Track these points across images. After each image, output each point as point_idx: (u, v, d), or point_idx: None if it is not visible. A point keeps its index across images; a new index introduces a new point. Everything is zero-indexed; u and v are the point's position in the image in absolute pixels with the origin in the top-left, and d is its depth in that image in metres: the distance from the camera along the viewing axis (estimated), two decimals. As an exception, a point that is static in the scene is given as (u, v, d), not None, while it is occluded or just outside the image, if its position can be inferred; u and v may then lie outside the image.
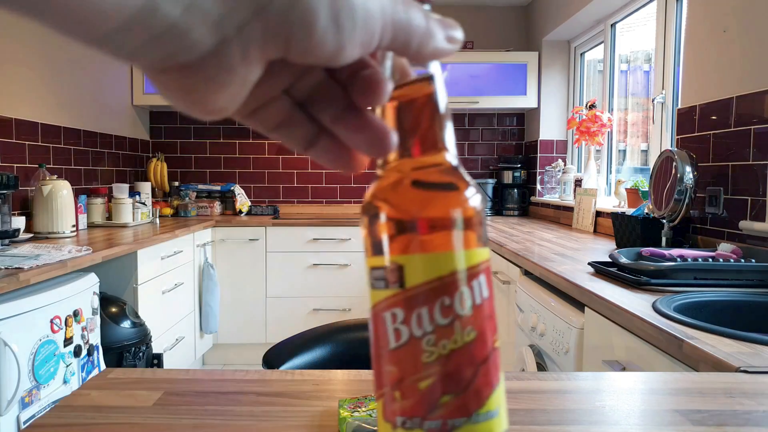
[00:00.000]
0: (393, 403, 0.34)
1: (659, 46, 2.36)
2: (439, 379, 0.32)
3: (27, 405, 1.50)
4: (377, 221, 0.33)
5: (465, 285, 0.33)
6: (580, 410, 0.55)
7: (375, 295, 0.34)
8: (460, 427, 0.33)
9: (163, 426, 0.49)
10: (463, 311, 0.33)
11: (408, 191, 0.34)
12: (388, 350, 0.34)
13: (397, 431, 0.34)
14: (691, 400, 0.58)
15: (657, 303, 1.11)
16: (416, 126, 0.35)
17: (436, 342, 0.32)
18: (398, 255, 0.33)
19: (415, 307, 0.32)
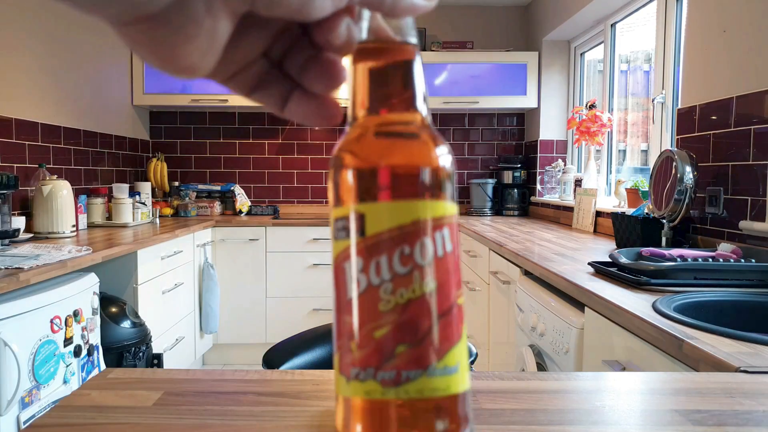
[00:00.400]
0: (348, 355, 0.33)
1: (659, 46, 2.36)
2: (395, 328, 0.31)
3: (27, 405, 1.50)
4: (341, 171, 0.33)
5: (427, 236, 0.32)
6: (580, 410, 0.55)
7: (337, 246, 0.33)
8: (415, 380, 0.31)
9: (163, 426, 0.49)
10: (423, 261, 0.32)
11: (372, 141, 0.33)
12: (346, 300, 0.33)
13: (351, 384, 0.32)
14: (690, 400, 0.58)
15: (657, 303, 1.11)
16: (385, 85, 0.34)
17: (394, 290, 0.31)
18: (360, 204, 0.32)
19: (374, 256, 0.32)
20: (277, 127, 3.94)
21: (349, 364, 0.33)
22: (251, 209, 3.74)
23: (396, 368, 0.31)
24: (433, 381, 0.32)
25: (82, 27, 2.97)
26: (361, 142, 0.34)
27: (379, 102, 0.34)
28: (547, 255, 1.87)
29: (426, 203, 0.32)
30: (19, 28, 2.44)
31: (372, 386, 0.32)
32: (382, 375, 0.31)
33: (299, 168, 3.97)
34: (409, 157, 0.33)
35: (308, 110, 0.31)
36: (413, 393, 0.31)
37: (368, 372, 0.32)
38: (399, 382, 0.31)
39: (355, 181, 0.33)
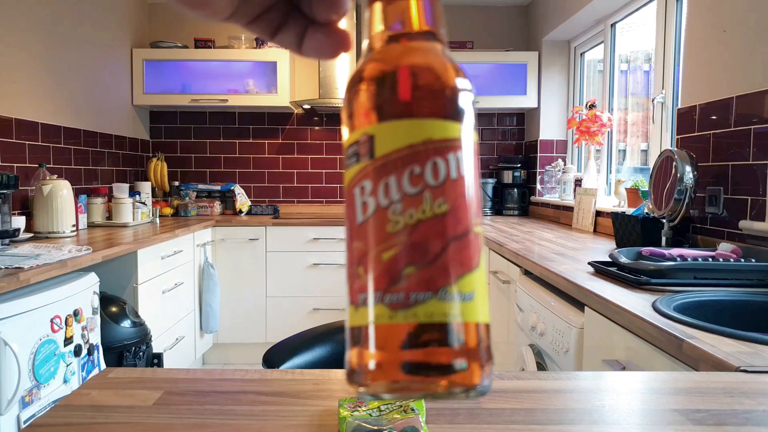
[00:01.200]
0: (356, 281, 0.31)
1: (659, 46, 2.36)
2: (404, 249, 0.30)
3: (27, 404, 1.50)
4: (355, 95, 0.32)
5: (439, 156, 0.31)
6: (580, 410, 0.55)
7: (348, 174, 0.32)
8: (425, 302, 0.30)
9: (163, 425, 0.49)
10: (435, 182, 0.31)
11: (393, 48, 0.32)
12: (356, 227, 0.32)
13: (359, 311, 0.31)
14: (691, 399, 0.58)
15: (657, 302, 1.11)
16: (407, 11, 0.33)
17: (403, 211, 0.30)
18: (370, 126, 0.31)
19: (383, 177, 0.31)
20: (277, 126, 3.94)
21: (357, 290, 0.31)
22: (251, 209, 3.73)
23: (405, 290, 0.30)
24: (445, 305, 0.30)
25: (83, 27, 2.97)
26: (380, 51, 0.33)
27: (399, 32, 0.33)
28: (547, 255, 1.87)
29: (441, 123, 0.31)
30: (19, 28, 2.44)
31: (380, 310, 0.30)
32: (390, 298, 0.30)
33: (299, 168, 3.97)
34: (425, 70, 0.32)
35: (318, 42, 0.32)
36: (422, 316, 0.30)
37: (376, 296, 0.30)
38: (408, 304, 0.30)
39: (368, 97, 0.32)
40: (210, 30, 3.81)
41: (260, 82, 3.61)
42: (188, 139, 3.93)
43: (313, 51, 0.32)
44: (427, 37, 0.33)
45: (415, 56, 0.32)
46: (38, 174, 2.42)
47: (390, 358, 0.31)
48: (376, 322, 0.31)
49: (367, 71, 0.32)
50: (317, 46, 0.32)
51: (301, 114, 3.93)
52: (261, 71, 3.61)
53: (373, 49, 0.33)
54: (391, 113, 0.31)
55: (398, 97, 0.31)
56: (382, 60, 0.32)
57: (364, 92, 0.32)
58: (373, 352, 0.31)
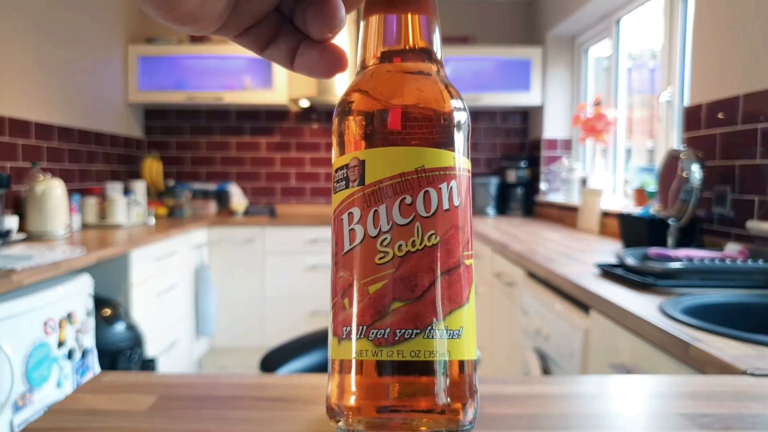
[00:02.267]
0: (341, 312, 0.30)
1: (665, 44, 2.34)
2: (391, 282, 0.29)
3: (20, 409, 1.48)
4: (344, 116, 0.31)
5: (431, 186, 0.30)
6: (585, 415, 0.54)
7: (336, 198, 0.31)
8: (411, 340, 0.29)
9: (158, 430, 0.48)
10: (426, 213, 0.30)
11: (382, 78, 0.31)
12: (342, 255, 0.31)
13: (342, 344, 0.30)
14: (697, 403, 0.57)
15: (663, 305, 1.10)
16: (400, 31, 0.32)
17: (392, 242, 0.29)
18: (360, 150, 0.30)
19: (372, 205, 0.30)
20: (274, 124, 3.91)
21: (341, 322, 0.31)
22: (248, 209, 3.67)
23: (390, 326, 0.29)
24: (431, 343, 0.29)
25: (76, 22, 2.97)
26: (371, 79, 0.31)
27: (393, 50, 0.32)
28: (552, 256, 1.86)
29: (433, 151, 0.30)
30: (10, 26, 2.43)
31: (364, 345, 0.29)
32: (375, 333, 0.29)
33: (297, 167, 3.94)
34: (419, 97, 0.31)
35: (313, 60, 0.30)
36: (407, 354, 0.29)
37: (360, 330, 0.30)
38: (393, 341, 0.29)
39: (358, 122, 0.31)
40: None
41: (257, 78, 3.58)
42: (183, 137, 3.90)
43: (305, 69, 0.31)
44: (421, 56, 0.32)
45: (408, 83, 0.31)
46: (31, 173, 2.40)
47: (371, 395, 0.30)
48: (358, 358, 0.30)
49: (358, 99, 0.31)
50: (311, 65, 0.30)
51: (299, 111, 3.90)
52: (257, 67, 3.59)
53: (366, 67, 0.32)
54: (382, 140, 0.30)
55: (389, 124, 0.30)
56: (375, 87, 0.31)
57: (355, 117, 0.31)
58: (354, 389, 0.30)
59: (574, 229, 2.79)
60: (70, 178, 2.87)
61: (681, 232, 1.77)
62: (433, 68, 0.32)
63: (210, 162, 3.91)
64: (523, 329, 1.87)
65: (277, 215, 3.63)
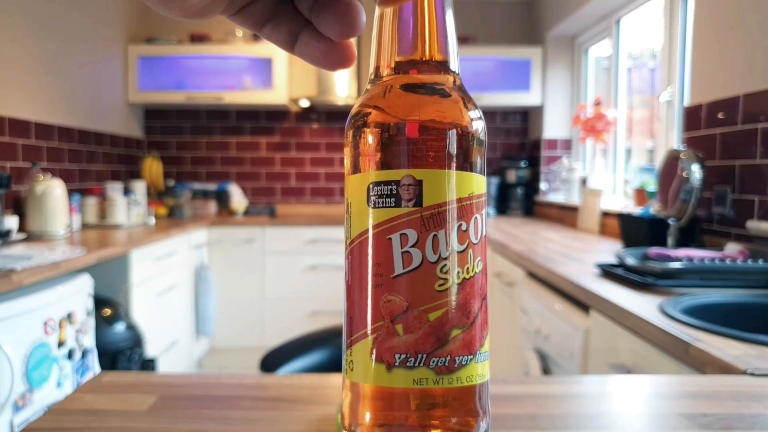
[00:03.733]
0: (391, 339, 0.30)
1: (665, 44, 2.34)
2: (451, 310, 0.30)
3: (20, 409, 1.48)
4: (394, 131, 0.30)
5: (478, 212, 0.31)
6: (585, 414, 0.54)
7: (377, 214, 0.30)
8: (467, 366, 0.30)
9: (158, 430, 0.48)
10: (476, 240, 0.30)
11: (405, 96, 0.31)
12: (391, 277, 0.30)
13: (395, 372, 0.29)
14: (697, 403, 0.57)
15: (663, 305, 1.10)
16: (416, 40, 0.32)
17: (450, 269, 0.29)
18: (417, 169, 0.30)
19: (431, 229, 0.29)
20: (274, 124, 3.91)
21: (392, 349, 0.30)
22: (248, 209, 3.66)
23: (450, 354, 0.30)
24: (479, 367, 0.31)
25: (77, 22, 2.97)
26: (388, 97, 0.31)
27: (409, 61, 0.32)
28: (552, 256, 1.86)
29: (478, 177, 0.31)
30: (10, 25, 2.42)
31: (424, 373, 0.29)
32: (436, 362, 0.29)
33: (297, 167, 3.93)
34: (459, 123, 0.31)
35: (319, 52, 0.30)
36: (465, 380, 0.30)
37: (419, 358, 0.29)
38: (453, 368, 0.30)
39: (406, 141, 0.30)
40: (206, 25, 3.78)
41: (257, 78, 3.58)
42: (183, 137, 3.89)
43: (309, 58, 0.30)
44: (437, 68, 0.32)
45: (447, 106, 0.31)
46: (31, 173, 2.40)
47: (426, 420, 0.30)
48: (416, 386, 0.29)
49: (376, 114, 0.31)
50: (317, 56, 0.30)
51: (299, 111, 3.89)
52: (257, 67, 3.58)
53: (381, 78, 0.32)
54: (435, 160, 0.30)
55: (444, 146, 0.30)
56: (386, 111, 0.31)
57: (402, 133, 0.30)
58: (410, 415, 0.30)
59: (574, 229, 2.79)
60: (70, 178, 2.86)
61: (681, 232, 1.77)
62: (450, 79, 0.32)
63: (210, 162, 3.91)
64: (523, 329, 1.87)
65: (277, 215, 3.62)
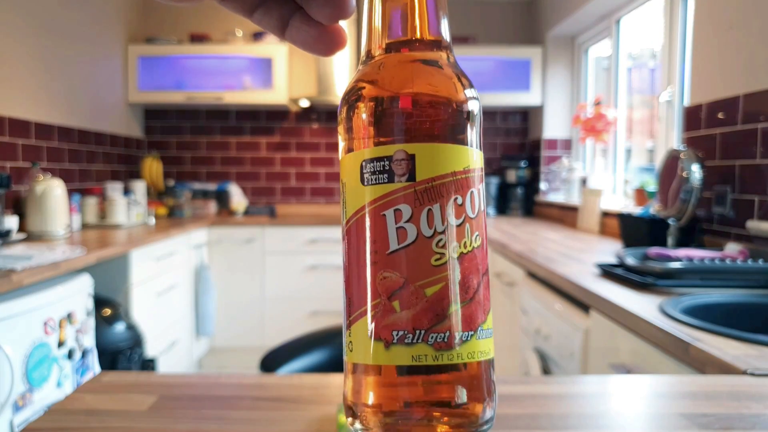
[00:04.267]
0: (388, 316, 0.29)
1: (665, 44, 2.34)
2: (448, 285, 0.29)
3: (20, 409, 1.48)
4: (387, 104, 0.30)
5: (475, 186, 0.30)
6: (586, 415, 0.54)
7: (370, 191, 0.30)
8: (468, 342, 0.29)
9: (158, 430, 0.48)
10: (473, 214, 0.30)
11: (400, 68, 0.30)
12: (387, 254, 0.29)
13: (393, 349, 0.29)
14: (697, 403, 0.57)
15: (663, 305, 1.10)
16: (408, 19, 0.31)
17: (447, 244, 0.29)
18: (407, 143, 0.29)
19: (426, 204, 0.29)
20: (274, 124, 3.91)
21: (390, 325, 0.29)
22: (248, 209, 3.65)
23: (449, 330, 0.29)
24: (481, 344, 0.30)
25: (77, 22, 2.97)
26: (383, 71, 0.30)
27: (399, 40, 0.31)
28: (552, 256, 1.86)
29: (474, 151, 0.30)
30: (10, 25, 2.42)
31: (423, 350, 0.29)
32: (435, 338, 0.29)
33: (297, 167, 3.93)
34: (459, 95, 0.30)
35: (309, 37, 0.30)
36: (466, 356, 0.29)
37: (417, 334, 0.29)
38: (452, 344, 0.29)
39: (399, 114, 0.29)
40: (206, 25, 3.79)
41: (257, 78, 3.58)
42: (183, 137, 3.89)
43: (300, 43, 0.30)
44: (429, 46, 0.32)
45: (422, 76, 0.30)
46: (31, 173, 2.40)
47: (431, 397, 0.30)
48: (415, 363, 0.29)
49: (369, 89, 0.30)
50: (308, 41, 0.30)
51: (299, 111, 3.89)
52: (257, 67, 3.58)
53: (373, 58, 0.31)
54: (431, 135, 0.29)
55: (439, 119, 0.30)
56: (378, 83, 0.30)
57: (394, 107, 0.30)
58: (412, 393, 0.29)
59: (574, 229, 2.79)
60: (70, 178, 2.86)
61: (681, 232, 1.77)
62: (443, 56, 0.32)
63: (210, 162, 3.91)
64: (523, 329, 1.87)
65: (277, 215, 3.62)
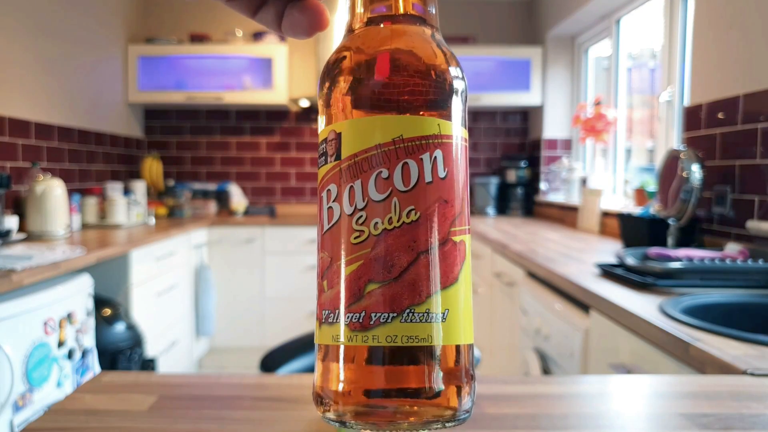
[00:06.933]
0: (321, 296, 0.29)
1: (665, 44, 2.34)
2: (366, 263, 0.27)
3: (20, 409, 1.48)
4: (324, 87, 0.29)
5: (410, 157, 0.27)
6: (585, 414, 0.54)
7: (318, 175, 0.30)
8: (386, 324, 0.27)
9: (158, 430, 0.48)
10: (405, 187, 0.27)
11: (372, 34, 0.29)
12: (322, 235, 0.29)
13: (323, 329, 0.28)
14: (697, 403, 0.57)
15: (663, 305, 1.10)
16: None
17: (367, 220, 0.27)
18: (337, 122, 0.28)
19: (348, 181, 0.28)
20: (274, 124, 3.91)
21: (321, 305, 0.29)
22: (248, 209, 3.66)
23: (365, 309, 0.27)
24: (409, 327, 0.27)
25: (77, 22, 2.96)
26: (357, 38, 0.29)
27: (382, 11, 0.30)
28: (552, 256, 1.86)
29: (412, 118, 0.28)
30: (10, 26, 2.42)
31: (338, 330, 0.27)
32: (350, 317, 0.27)
33: (297, 167, 3.93)
34: (399, 57, 0.28)
35: (294, 19, 0.31)
36: (383, 340, 0.27)
37: (336, 314, 0.28)
38: (367, 326, 0.27)
39: (336, 90, 0.29)
40: (206, 25, 3.79)
41: (257, 78, 3.58)
42: (183, 137, 3.89)
43: (290, 29, 0.31)
44: (412, 20, 0.30)
45: (390, 42, 0.29)
46: (31, 173, 2.40)
47: (353, 381, 0.28)
48: (334, 343, 0.28)
49: (335, 60, 0.30)
50: (294, 24, 0.31)
51: (299, 111, 3.89)
52: (257, 67, 3.58)
53: (353, 31, 0.31)
54: (358, 108, 0.28)
55: (363, 90, 0.28)
56: (353, 48, 0.29)
57: (331, 84, 0.29)
58: (337, 374, 0.28)
59: (574, 229, 2.79)
60: (70, 178, 2.86)
61: (681, 232, 1.77)
62: (427, 31, 0.30)
63: (210, 162, 3.91)
64: (523, 329, 1.87)
65: (277, 215, 3.62)
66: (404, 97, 0.28)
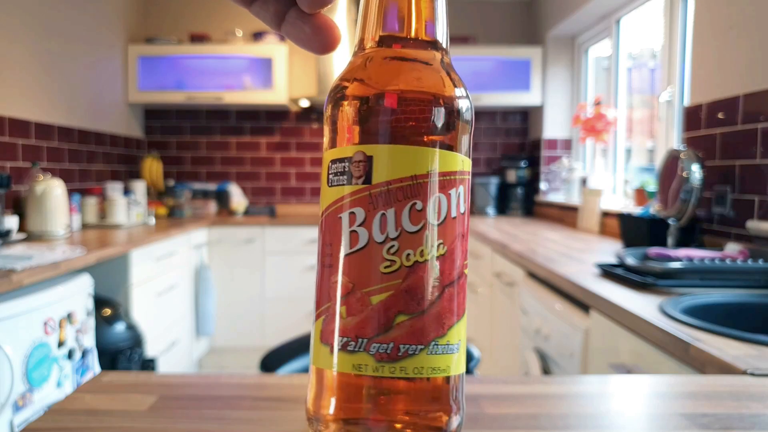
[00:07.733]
0: (334, 321, 0.28)
1: (665, 44, 2.34)
2: (397, 294, 0.27)
3: (20, 409, 1.48)
4: (343, 102, 0.29)
5: (442, 191, 0.28)
6: (586, 415, 0.54)
7: (332, 193, 0.29)
8: (415, 356, 0.27)
9: (158, 430, 0.48)
10: (436, 221, 0.28)
11: (382, 65, 0.29)
12: (340, 258, 0.29)
13: (337, 356, 0.28)
14: (697, 403, 0.57)
15: (663, 305, 1.10)
16: (402, 12, 0.30)
17: (400, 251, 0.27)
18: (367, 144, 0.28)
19: (380, 208, 0.27)
20: (274, 124, 3.91)
21: (334, 331, 0.28)
22: (248, 209, 3.66)
23: (394, 340, 0.27)
24: (433, 359, 0.28)
25: (77, 21, 2.97)
26: (368, 67, 0.29)
27: (393, 35, 0.30)
28: (552, 256, 1.86)
29: (445, 153, 0.28)
30: (10, 25, 2.42)
31: (363, 359, 0.27)
32: (376, 348, 0.27)
33: (297, 167, 3.93)
34: (428, 92, 0.28)
35: (304, 33, 0.29)
36: (411, 371, 0.27)
37: (359, 343, 0.28)
38: (396, 357, 0.27)
39: (361, 114, 0.28)
40: (206, 25, 3.79)
41: (257, 78, 3.58)
42: (183, 137, 3.89)
43: (294, 39, 0.30)
44: (423, 44, 0.30)
45: (417, 74, 0.29)
46: (31, 173, 2.39)
47: (371, 410, 0.28)
48: (356, 372, 0.28)
49: (359, 84, 0.29)
50: (302, 38, 0.30)
51: (299, 111, 3.89)
52: (257, 67, 3.58)
53: (364, 50, 0.30)
54: (390, 137, 0.28)
55: (400, 121, 0.28)
56: (379, 71, 0.29)
57: (357, 104, 0.29)
58: (348, 402, 0.28)
59: (574, 229, 2.79)
60: (70, 178, 2.86)
61: (681, 232, 1.77)
62: (437, 56, 0.30)
63: (210, 162, 3.91)
64: (523, 329, 1.87)
65: (277, 215, 3.62)
66: (430, 136, 0.28)
